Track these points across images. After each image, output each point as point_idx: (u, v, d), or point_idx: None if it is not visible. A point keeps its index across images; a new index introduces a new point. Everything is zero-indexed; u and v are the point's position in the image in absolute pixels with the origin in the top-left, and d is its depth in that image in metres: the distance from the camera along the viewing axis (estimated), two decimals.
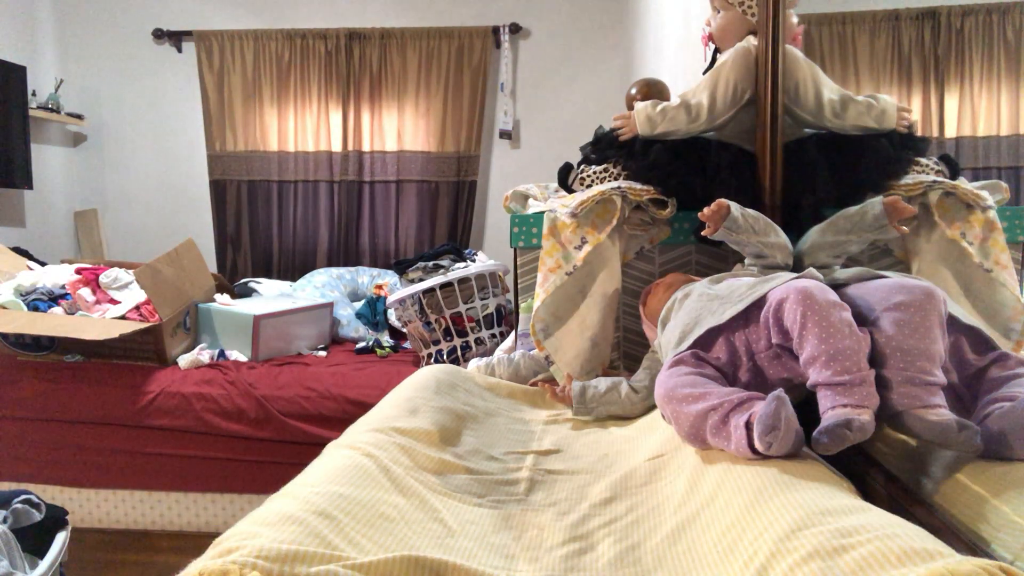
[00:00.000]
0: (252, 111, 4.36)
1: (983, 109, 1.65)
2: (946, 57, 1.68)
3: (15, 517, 1.68)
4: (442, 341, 2.84)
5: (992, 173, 1.74)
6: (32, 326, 2.58)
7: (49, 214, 4.29)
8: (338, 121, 4.34)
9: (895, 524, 0.71)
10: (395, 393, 1.65)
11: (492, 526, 1.11)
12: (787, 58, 1.81)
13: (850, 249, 1.59)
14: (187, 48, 4.43)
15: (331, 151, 4.36)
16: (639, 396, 1.66)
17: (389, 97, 4.32)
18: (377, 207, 4.38)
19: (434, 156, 4.31)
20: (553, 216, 1.91)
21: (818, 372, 1.13)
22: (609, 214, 1.88)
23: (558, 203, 1.98)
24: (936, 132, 1.76)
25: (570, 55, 4.33)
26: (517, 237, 2.03)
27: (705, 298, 1.46)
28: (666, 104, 1.92)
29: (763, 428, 1.06)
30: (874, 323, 1.18)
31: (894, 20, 1.77)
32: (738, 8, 1.89)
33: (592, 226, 1.88)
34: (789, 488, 0.92)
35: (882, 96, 1.80)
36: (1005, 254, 1.67)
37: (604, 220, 1.88)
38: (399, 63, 4.29)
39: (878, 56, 1.83)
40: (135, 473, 2.58)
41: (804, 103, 1.82)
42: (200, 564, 0.75)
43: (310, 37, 4.30)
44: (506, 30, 4.26)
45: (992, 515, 0.90)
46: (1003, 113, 1.63)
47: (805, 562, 0.65)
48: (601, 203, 1.88)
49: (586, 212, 1.87)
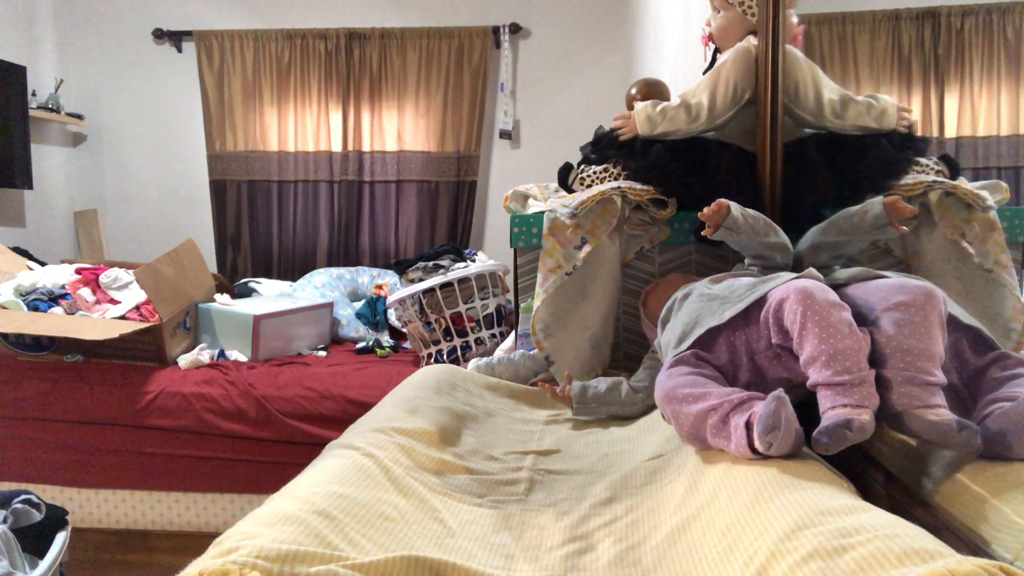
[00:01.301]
0: (252, 111, 4.35)
1: (983, 109, 1.65)
2: (946, 57, 1.68)
3: (15, 517, 1.68)
4: (442, 341, 2.84)
5: (992, 173, 1.74)
6: (32, 326, 2.58)
7: (49, 214, 4.29)
8: (338, 121, 4.34)
9: (895, 524, 0.71)
10: (395, 393, 1.65)
11: (492, 526, 1.11)
12: (787, 58, 1.81)
13: (850, 249, 1.59)
14: (187, 48, 4.43)
15: (331, 151, 4.36)
16: (639, 396, 1.66)
17: (389, 97, 4.32)
18: (377, 207, 4.38)
19: (434, 156, 4.31)
20: (553, 216, 1.91)
21: (818, 372, 1.13)
22: (609, 214, 1.88)
23: (558, 203, 1.97)
24: (936, 132, 1.76)
25: (570, 55, 4.33)
26: (517, 237, 2.03)
27: (705, 298, 1.46)
28: (666, 104, 1.92)
29: (763, 428, 1.06)
30: (874, 323, 1.18)
31: (894, 20, 1.77)
32: (738, 8, 1.89)
33: (592, 226, 1.88)
34: (789, 488, 0.92)
35: (882, 96, 1.80)
36: (1005, 254, 1.67)
37: (604, 220, 1.88)
38: (399, 63, 4.29)
39: (878, 56, 1.83)
40: (135, 473, 2.58)
41: (804, 103, 1.82)
42: (200, 564, 0.75)
43: (310, 37, 4.30)
44: (506, 30, 4.25)
45: (992, 515, 0.90)
46: (1003, 113, 1.63)
47: (805, 562, 0.65)
48: (601, 203, 1.88)
49: (586, 212, 1.87)
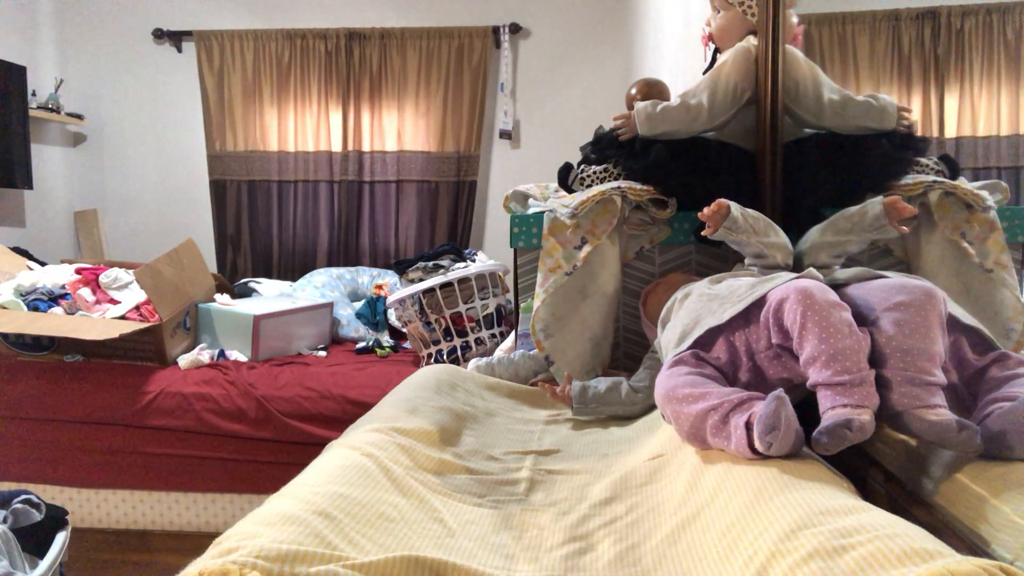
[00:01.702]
0: (252, 111, 4.35)
1: (983, 109, 1.65)
2: (946, 57, 1.68)
3: (15, 517, 1.68)
4: (442, 341, 2.84)
5: (992, 173, 1.74)
6: (32, 326, 2.58)
7: (49, 214, 4.29)
8: (338, 121, 4.34)
9: (895, 524, 0.71)
10: (395, 393, 1.65)
11: (492, 526, 1.11)
12: (787, 58, 1.81)
13: (850, 249, 1.59)
14: (187, 48, 4.43)
15: (331, 151, 4.36)
16: (639, 396, 1.66)
17: (389, 97, 4.32)
18: (377, 207, 4.38)
19: (434, 156, 4.31)
20: (553, 216, 1.91)
21: (818, 372, 1.13)
22: (609, 214, 1.88)
23: (558, 203, 1.97)
24: (936, 132, 1.76)
25: (570, 55, 4.33)
26: (517, 237, 2.03)
27: (705, 298, 1.46)
28: (666, 104, 1.92)
29: (763, 428, 1.06)
30: (874, 323, 1.18)
31: (894, 20, 1.77)
32: (738, 8, 1.88)
33: (592, 226, 1.88)
34: (789, 488, 0.92)
35: (882, 96, 1.79)
36: (1005, 254, 1.67)
37: (604, 220, 1.88)
38: (399, 63, 4.29)
39: (878, 56, 1.83)
40: (135, 473, 2.58)
41: (804, 103, 1.82)
42: (200, 564, 0.75)
43: (310, 37, 4.30)
44: (506, 30, 4.25)
45: (992, 515, 0.90)
46: (1003, 113, 1.63)
47: (805, 562, 0.65)
48: (601, 203, 1.88)
49: (586, 212, 1.87)
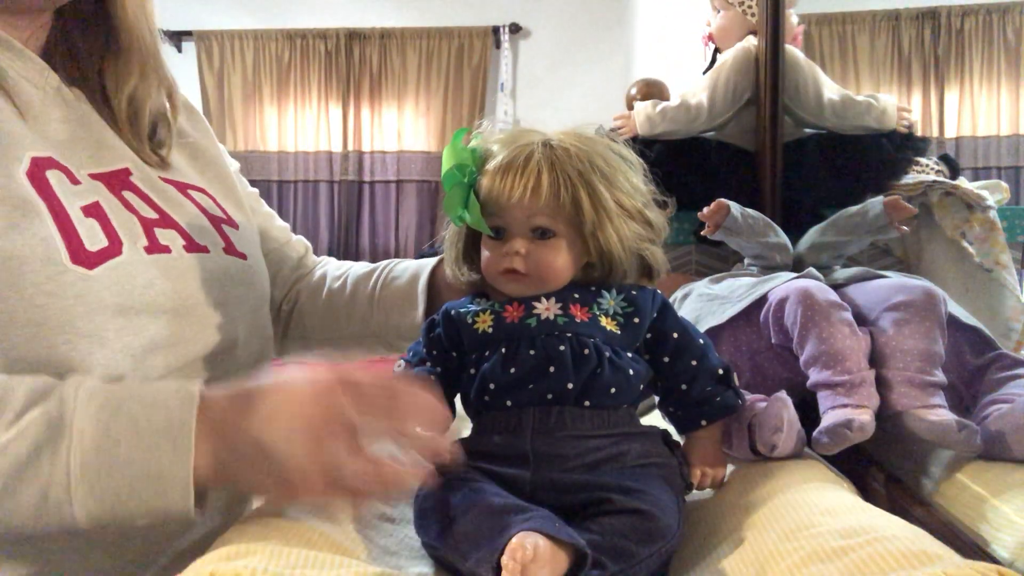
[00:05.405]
0: (252, 111, 4.36)
1: (983, 109, 1.65)
2: (946, 57, 1.68)
3: None
4: None
5: (992, 173, 1.74)
6: None
7: None
8: (338, 121, 4.34)
9: (895, 525, 0.71)
10: None
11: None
12: (787, 58, 1.81)
13: (850, 249, 1.59)
14: (187, 48, 4.42)
15: (331, 151, 4.36)
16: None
17: (389, 97, 4.32)
18: (377, 207, 4.38)
19: (434, 156, 4.31)
20: None
21: (818, 372, 1.13)
22: None
23: None
24: (936, 132, 1.76)
25: (570, 55, 4.33)
26: None
27: (705, 298, 1.45)
28: (666, 104, 1.92)
29: (765, 430, 1.06)
30: (874, 323, 1.18)
31: (894, 20, 1.77)
32: (738, 8, 1.89)
33: None
34: (789, 488, 0.92)
35: (882, 96, 1.79)
36: (1005, 254, 1.67)
37: None
38: (399, 63, 4.29)
39: (878, 56, 1.83)
40: None
41: (804, 103, 1.82)
42: (211, 564, 0.75)
43: (310, 37, 4.30)
44: (506, 30, 4.25)
45: (992, 515, 0.90)
46: (1003, 113, 1.63)
47: (805, 563, 0.65)
48: None
49: None
